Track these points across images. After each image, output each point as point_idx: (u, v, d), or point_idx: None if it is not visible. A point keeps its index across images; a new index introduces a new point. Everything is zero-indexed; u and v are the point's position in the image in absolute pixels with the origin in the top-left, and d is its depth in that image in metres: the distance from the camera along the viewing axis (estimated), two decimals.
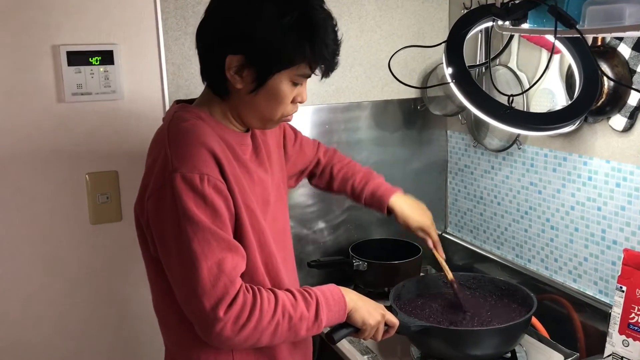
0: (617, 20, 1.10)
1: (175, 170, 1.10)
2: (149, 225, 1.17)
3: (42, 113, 1.56)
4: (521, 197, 1.90)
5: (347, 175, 1.62)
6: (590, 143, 1.65)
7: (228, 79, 1.16)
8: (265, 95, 1.17)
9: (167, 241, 1.13)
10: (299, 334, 1.18)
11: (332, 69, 1.19)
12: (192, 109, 1.22)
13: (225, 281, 1.10)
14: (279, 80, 1.16)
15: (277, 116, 1.21)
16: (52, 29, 1.54)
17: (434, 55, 2.08)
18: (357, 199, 1.61)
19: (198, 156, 1.12)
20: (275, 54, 1.12)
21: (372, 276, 1.92)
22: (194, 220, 1.09)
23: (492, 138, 1.94)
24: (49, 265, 1.63)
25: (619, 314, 1.46)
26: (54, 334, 1.65)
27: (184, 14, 1.74)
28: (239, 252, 1.15)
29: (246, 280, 1.17)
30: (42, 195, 1.59)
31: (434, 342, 1.46)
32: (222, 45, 1.15)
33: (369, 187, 1.59)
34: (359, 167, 1.65)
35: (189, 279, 1.10)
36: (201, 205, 1.10)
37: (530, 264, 1.90)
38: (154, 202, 1.13)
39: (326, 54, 1.15)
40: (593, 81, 1.48)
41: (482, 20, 1.52)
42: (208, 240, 1.10)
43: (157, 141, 1.19)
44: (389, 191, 1.59)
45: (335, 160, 1.65)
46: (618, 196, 1.59)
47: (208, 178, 1.11)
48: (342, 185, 1.62)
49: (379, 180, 1.62)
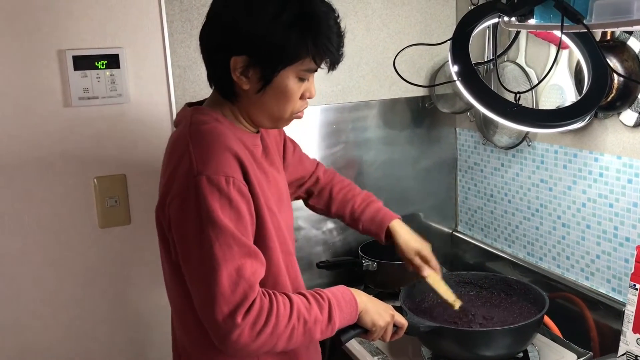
0: (625, 15, 1.08)
1: (200, 173, 1.10)
2: (170, 230, 1.16)
3: (49, 118, 1.57)
4: (532, 194, 1.88)
5: (346, 197, 1.58)
6: (601, 139, 1.62)
7: (234, 80, 1.16)
8: (273, 94, 1.17)
9: (188, 245, 1.12)
10: (314, 338, 1.18)
11: (337, 62, 1.19)
12: (208, 111, 1.22)
13: (245, 287, 1.09)
14: (285, 76, 1.16)
15: (287, 113, 1.21)
16: (58, 34, 1.54)
17: (442, 53, 2.06)
18: (356, 222, 1.57)
19: (223, 159, 1.12)
20: (278, 50, 1.12)
21: (382, 276, 1.92)
22: (217, 223, 1.09)
23: (502, 135, 1.93)
24: (59, 270, 1.63)
25: (632, 312, 1.44)
26: (65, 338, 1.66)
27: (189, 17, 1.74)
28: (258, 258, 1.14)
29: (270, 282, 1.17)
30: (50, 200, 1.60)
31: (445, 342, 1.45)
32: (225, 48, 1.15)
33: (369, 211, 1.56)
34: (359, 190, 1.61)
35: (209, 284, 1.09)
36: (226, 208, 1.10)
37: (542, 262, 1.88)
38: (176, 205, 1.13)
39: (330, 46, 1.15)
40: (602, 76, 1.46)
41: (488, 16, 1.50)
42: (230, 244, 1.09)
43: (179, 145, 1.18)
44: (390, 216, 1.56)
45: (336, 181, 1.61)
46: (630, 192, 1.57)
47: (233, 181, 1.11)
48: (342, 208, 1.58)
49: (378, 204, 1.58)
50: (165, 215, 1.16)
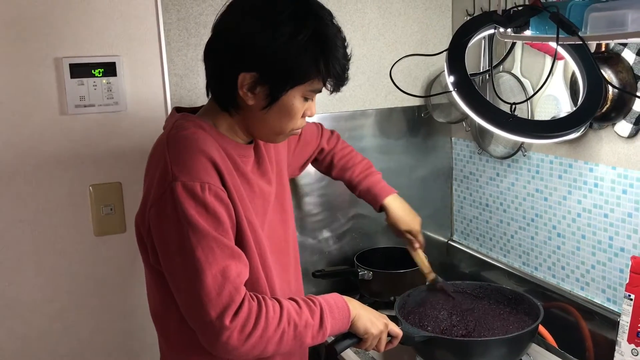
0: (619, 27, 1.09)
1: (175, 179, 1.10)
2: (149, 235, 1.16)
3: (45, 125, 1.56)
4: (527, 204, 1.89)
5: (346, 166, 1.69)
6: (596, 149, 1.63)
7: (240, 95, 1.16)
8: (278, 111, 1.18)
9: (170, 250, 1.12)
10: (305, 342, 1.18)
11: (342, 84, 1.20)
12: (194, 119, 1.22)
13: (230, 289, 1.09)
14: (292, 96, 1.16)
15: (287, 130, 1.22)
16: (54, 42, 1.54)
17: (438, 63, 2.07)
18: (353, 190, 1.70)
19: (198, 164, 1.12)
20: (290, 71, 1.13)
21: (378, 285, 1.91)
22: (197, 228, 1.09)
23: (497, 145, 1.93)
24: (54, 278, 1.62)
25: (627, 323, 1.45)
26: (60, 346, 1.65)
27: (187, 25, 1.74)
28: (242, 259, 1.15)
29: (248, 290, 1.16)
30: (46, 208, 1.60)
31: (439, 352, 1.45)
32: (235, 63, 1.14)
33: (365, 183, 1.67)
34: (359, 158, 1.71)
35: (194, 288, 1.09)
36: (203, 213, 1.10)
37: (537, 272, 1.89)
38: (155, 212, 1.13)
39: (338, 69, 1.16)
40: (597, 87, 1.47)
41: (484, 27, 1.51)
42: (212, 247, 1.09)
43: (157, 150, 1.19)
44: (385, 191, 1.66)
45: (338, 148, 1.71)
46: (625, 203, 1.57)
47: (209, 186, 1.11)
48: (340, 175, 1.70)
49: (376, 177, 1.68)
50: (145, 222, 1.17)
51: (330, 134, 1.72)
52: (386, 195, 1.65)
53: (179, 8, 1.73)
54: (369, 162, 1.72)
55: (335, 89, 1.20)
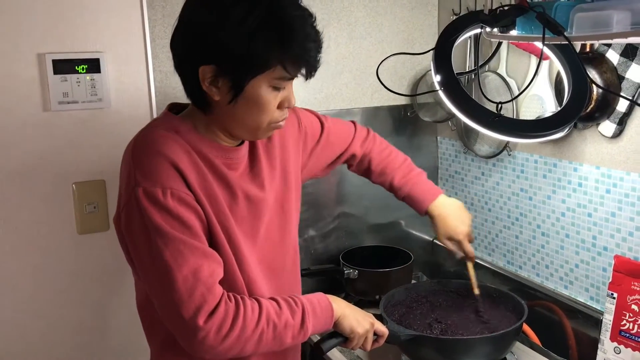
0: (604, 28, 1.10)
1: (138, 184, 1.09)
2: (123, 236, 1.17)
3: (27, 122, 1.54)
4: (512, 203, 1.90)
5: (385, 171, 1.57)
6: (580, 149, 1.64)
7: (205, 90, 1.11)
8: (246, 104, 1.11)
9: (141, 253, 1.12)
10: (285, 342, 1.17)
11: (313, 70, 1.12)
12: (172, 119, 1.19)
13: (202, 290, 1.09)
14: (257, 86, 1.10)
15: (263, 124, 1.15)
16: (37, 37, 1.52)
17: (424, 62, 2.08)
18: (396, 196, 1.58)
19: (159, 169, 1.10)
20: (245, 59, 1.06)
21: (363, 284, 1.91)
22: (162, 232, 1.08)
23: (482, 144, 1.94)
24: (37, 276, 1.60)
25: (610, 321, 1.46)
26: (43, 344, 1.63)
27: (172, 22, 1.67)
28: (215, 258, 1.13)
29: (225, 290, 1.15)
30: (28, 206, 1.57)
31: (425, 351, 1.45)
32: (193, 56, 1.10)
33: (405, 190, 1.55)
34: (399, 162, 1.58)
35: (165, 290, 1.09)
36: (168, 218, 1.09)
37: (522, 271, 1.90)
38: (125, 216, 1.13)
39: (303, 53, 1.08)
40: (582, 88, 1.48)
41: (471, 27, 1.52)
42: (180, 250, 1.08)
43: (126, 152, 1.18)
44: (429, 195, 1.55)
45: (375, 152, 1.58)
46: (608, 202, 1.59)
47: (171, 192, 1.09)
48: (380, 181, 1.59)
49: (415, 180, 1.56)
50: (120, 221, 1.16)
51: (366, 136, 1.58)
52: (426, 202, 1.54)
53: (164, 4, 1.72)
54: (410, 163, 1.60)
55: (306, 75, 1.12)
